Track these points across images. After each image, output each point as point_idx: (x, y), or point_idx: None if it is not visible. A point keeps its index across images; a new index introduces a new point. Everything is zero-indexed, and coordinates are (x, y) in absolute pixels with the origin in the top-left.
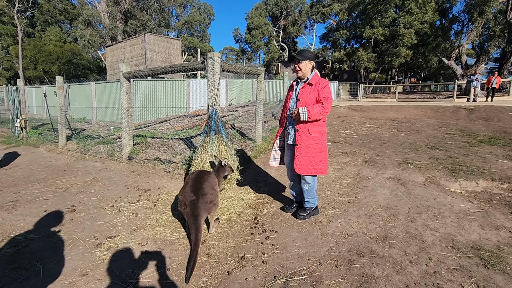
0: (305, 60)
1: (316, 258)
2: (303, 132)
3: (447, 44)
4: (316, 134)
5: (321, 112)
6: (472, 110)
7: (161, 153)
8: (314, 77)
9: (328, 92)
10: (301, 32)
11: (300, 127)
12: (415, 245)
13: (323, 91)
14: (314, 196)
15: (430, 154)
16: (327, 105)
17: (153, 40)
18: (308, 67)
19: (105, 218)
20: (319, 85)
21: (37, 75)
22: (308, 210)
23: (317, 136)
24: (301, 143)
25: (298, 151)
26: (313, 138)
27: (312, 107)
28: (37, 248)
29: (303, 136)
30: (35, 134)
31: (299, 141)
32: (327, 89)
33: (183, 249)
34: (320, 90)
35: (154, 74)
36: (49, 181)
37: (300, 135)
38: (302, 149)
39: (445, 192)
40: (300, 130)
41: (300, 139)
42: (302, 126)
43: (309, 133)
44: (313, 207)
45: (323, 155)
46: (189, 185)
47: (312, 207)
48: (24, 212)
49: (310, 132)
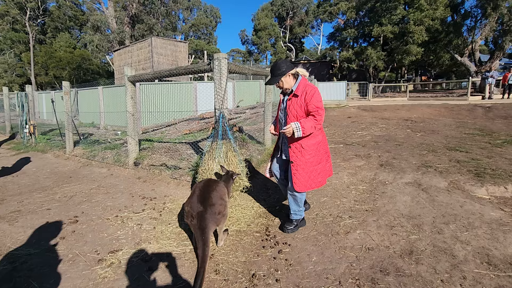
0: (282, 76)
1: (335, 276)
2: (296, 148)
3: (459, 40)
4: (311, 147)
5: (315, 126)
6: (490, 108)
7: (168, 159)
8: (299, 87)
9: (318, 101)
10: (308, 32)
11: (293, 143)
12: (446, 261)
13: (311, 102)
14: (301, 207)
15: (450, 156)
16: (319, 118)
17: (160, 44)
18: (289, 79)
19: (108, 229)
20: (306, 95)
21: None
22: (295, 222)
23: (311, 149)
24: (296, 160)
25: (294, 168)
26: (308, 152)
27: (304, 121)
28: (36, 265)
29: (297, 152)
30: (43, 139)
31: (293, 158)
32: (316, 97)
33: (190, 265)
34: (308, 101)
35: (160, 77)
36: (54, 189)
37: (293, 152)
38: (299, 166)
39: (472, 199)
40: (293, 146)
41: (295, 156)
42: (295, 141)
43: (303, 148)
44: (300, 218)
45: (320, 167)
46: (196, 195)
47: (299, 219)
48: (26, 223)
49: (304, 147)
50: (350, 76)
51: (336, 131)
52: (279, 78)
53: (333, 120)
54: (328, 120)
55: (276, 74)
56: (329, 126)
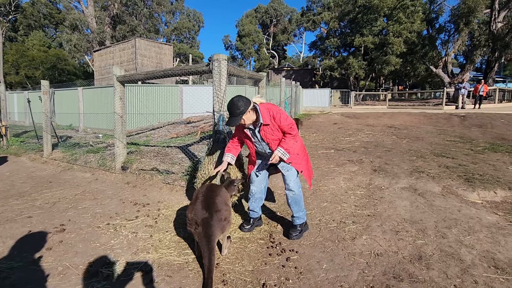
0: (243, 114)
1: (349, 284)
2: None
3: (434, 52)
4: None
5: (295, 140)
6: (464, 117)
7: (158, 163)
8: (264, 116)
9: (287, 118)
10: (291, 40)
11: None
12: (455, 265)
13: (283, 122)
14: (303, 209)
15: (439, 162)
16: (295, 132)
17: (144, 45)
18: (250, 115)
19: (100, 239)
20: (274, 119)
21: (19, 80)
22: (300, 227)
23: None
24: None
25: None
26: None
27: (285, 143)
28: (19, 280)
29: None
30: (16, 142)
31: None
32: (283, 116)
33: (194, 275)
34: (279, 123)
35: (153, 78)
36: (33, 195)
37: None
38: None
39: (466, 203)
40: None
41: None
42: None
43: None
44: (303, 222)
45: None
46: (199, 201)
47: (303, 223)
48: (4, 233)
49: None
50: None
51: (325, 137)
52: (240, 117)
53: (320, 126)
54: (315, 126)
55: (236, 114)
56: (317, 132)
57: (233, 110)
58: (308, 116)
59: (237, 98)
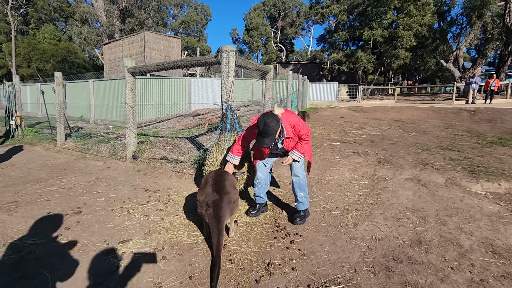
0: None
1: (350, 264)
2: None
3: (445, 46)
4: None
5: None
6: (474, 112)
7: (168, 152)
8: (288, 130)
9: (304, 127)
10: (299, 33)
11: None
12: (453, 250)
13: (301, 132)
14: (307, 195)
15: (444, 155)
16: (310, 138)
17: (153, 38)
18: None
19: (115, 220)
20: (295, 128)
21: (30, 73)
22: (303, 213)
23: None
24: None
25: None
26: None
27: (302, 147)
28: (43, 254)
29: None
30: (31, 132)
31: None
32: (302, 125)
33: (203, 255)
34: (298, 132)
35: (163, 69)
36: (49, 181)
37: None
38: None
39: (469, 194)
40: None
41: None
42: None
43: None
44: (306, 208)
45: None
46: (210, 184)
47: (306, 209)
48: (26, 214)
49: None
50: (339, 78)
51: (332, 130)
52: (274, 136)
53: (326, 120)
54: (322, 120)
55: (270, 134)
56: (324, 125)
57: (268, 131)
58: (315, 110)
59: (270, 119)
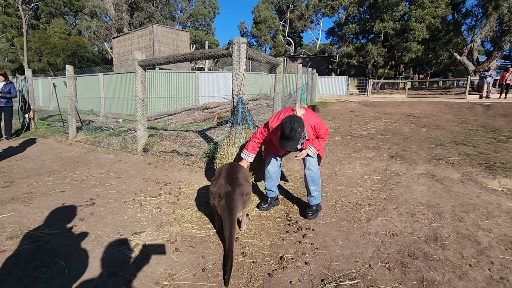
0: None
1: (364, 260)
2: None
3: (459, 39)
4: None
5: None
6: (489, 107)
7: (178, 146)
8: (309, 132)
9: (323, 127)
10: (308, 26)
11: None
12: (471, 247)
13: (321, 130)
14: (319, 189)
15: (459, 150)
16: (327, 137)
17: (161, 32)
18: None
19: (127, 212)
20: (314, 129)
21: (41, 67)
22: (315, 207)
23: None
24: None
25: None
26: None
27: (318, 144)
28: (59, 244)
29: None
30: (43, 125)
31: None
32: (321, 126)
33: (216, 247)
34: (318, 132)
35: (174, 62)
36: (62, 173)
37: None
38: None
39: (486, 190)
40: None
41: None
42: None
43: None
44: (318, 203)
45: None
46: (223, 176)
47: (318, 203)
48: (41, 204)
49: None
50: (349, 72)
51: (342, 124)
52: (298, 141)
53: (336, 114)
54: (331, 114)
55: (296, 138)
56: (334, 120)
57: (294, 136)
58: (324, 104)
59: (297, 124)
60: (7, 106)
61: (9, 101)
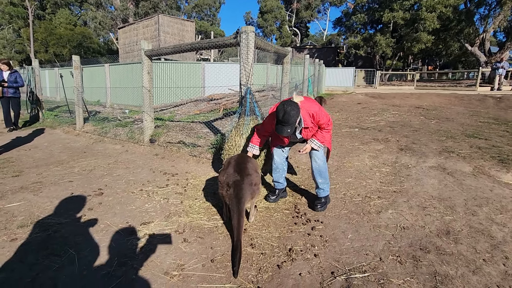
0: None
1: (374, 253)
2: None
3: (471, 29)
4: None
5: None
6: (501, 99)
7: (184, 136)
8: (306, 120)
9: (325, 116)
10: (314, 16)
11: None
12: (485, 241)
13: (321, 120)
14: (328, 181)
15: (470, 143)
16: (330, 128)
17: (167, 22)
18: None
19: (135, 202)
20: (314, 118)
21: (48, 58)
22: (324, 199)
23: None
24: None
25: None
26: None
27: (322, 136)
28: (69, 233)
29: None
30: (51, 116)
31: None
32: (322, 113)
33: (224, 238)
34: (318, 121)
35: (180, 51)
36: (70, 163)
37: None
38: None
39: (499, 183)
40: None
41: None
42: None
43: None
44: (327, 195)
45: None
46: (231, 166)
47: (327, 195)
48: (50, 194)
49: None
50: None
51: (349, 116)
52: (294, 125)
53: (343, 106)
54: (339, 106)
55: (291, 122)
56: (341, 111)
57: (288, 120)
58: (331, 96)
59: (290, 107)
60: (15, 96)
61: (17, 91)
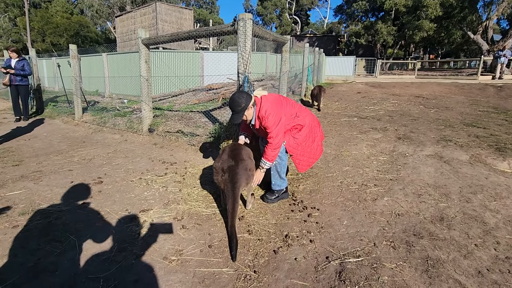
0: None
1: (369, 238)
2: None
3: (474, 16)
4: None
5: (275, 150)
6: (501, 88)
7: (183, 126)
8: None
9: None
10: (315, 4)
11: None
12: (477, 227)
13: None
14: (283, 178)
15: (469, 132)
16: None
17: (165, 10)
18: (250, 111)
19: (135, 190)
20: (260, 122)
21: (45, 48)
22: (277, 193)
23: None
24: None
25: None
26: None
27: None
28: (69, 220)
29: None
30: (49, 106)
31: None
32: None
33: (221, 225)
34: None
35: (177, 40)
36: (70, 152)
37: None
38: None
39: (495, 172)
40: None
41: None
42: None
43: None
44: (282, 190)
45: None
46: (226, 152)
47: (281, 190)
48: (50, 182)
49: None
50: (356, 52)
51: (348, 105)
52: (242, 113)
53: (343, 95)
54: (338, 95)
55: (238, 110)
56: (340, 101)
57: (234, 107)
58: (331, 85)
59: (238, 95)
60: (22, 84)
61: (24, 79)
